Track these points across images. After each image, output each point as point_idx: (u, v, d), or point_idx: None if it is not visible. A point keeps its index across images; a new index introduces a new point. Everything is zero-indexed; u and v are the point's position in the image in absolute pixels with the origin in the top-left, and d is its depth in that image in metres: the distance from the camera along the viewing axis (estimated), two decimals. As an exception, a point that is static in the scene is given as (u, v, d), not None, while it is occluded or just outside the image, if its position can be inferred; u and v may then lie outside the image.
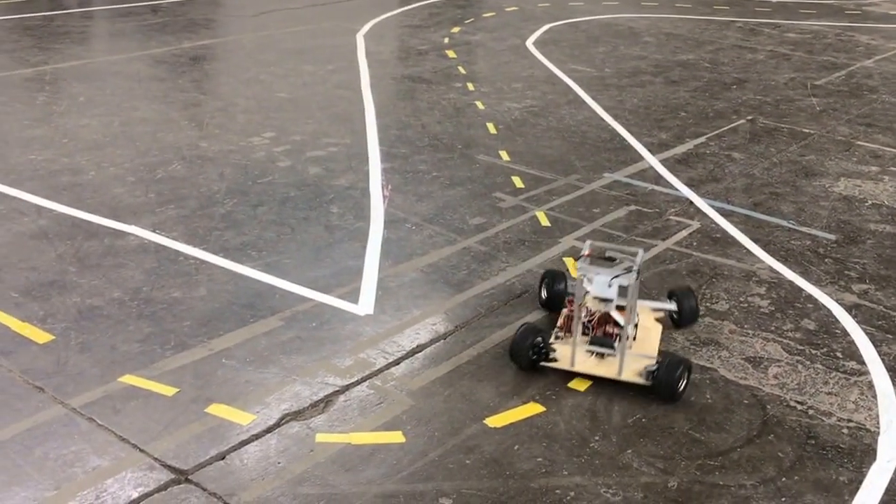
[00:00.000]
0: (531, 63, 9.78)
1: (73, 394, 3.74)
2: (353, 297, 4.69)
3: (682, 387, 3.92)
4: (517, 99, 8.39)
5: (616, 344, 4.06)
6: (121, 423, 3.59)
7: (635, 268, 4.00)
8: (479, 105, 8.14)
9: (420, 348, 4.26)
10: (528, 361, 4.00)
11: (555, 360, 4.00)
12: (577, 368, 4.00)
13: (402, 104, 8.13)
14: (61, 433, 3.51)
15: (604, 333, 4.13)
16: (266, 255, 5.08)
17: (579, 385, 4.02)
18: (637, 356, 4.08)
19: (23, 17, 10.53)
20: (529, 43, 10.71)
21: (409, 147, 6.99)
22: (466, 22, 11.85)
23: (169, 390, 3.82)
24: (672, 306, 4.47)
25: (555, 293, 4.48)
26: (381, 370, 4.05)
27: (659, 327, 4.41)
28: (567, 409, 3.85)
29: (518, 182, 6.35)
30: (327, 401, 3.82)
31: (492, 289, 4.83)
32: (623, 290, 4.04)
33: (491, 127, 7.54)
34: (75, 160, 6.27)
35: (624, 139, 7.40)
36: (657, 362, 3.95)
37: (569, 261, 5.17)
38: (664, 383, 3.87)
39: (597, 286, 3.99)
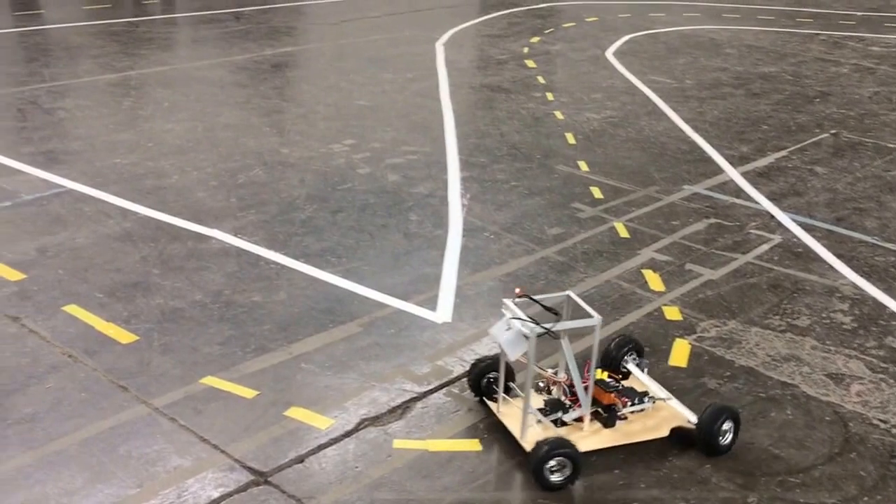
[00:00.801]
0: (611, 73, 9.67)
1: (156, 394, 3.80)
2: (431, 304, 4.68)
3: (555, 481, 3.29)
4: (596, 109, 8.30)
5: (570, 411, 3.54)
6: (202, 423, 3.63)
7: (555, 327, 3.39)
8: (558, 115, 8.08)
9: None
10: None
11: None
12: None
13: (480, 113, 8.11)
14: (144, 432, 3.56)
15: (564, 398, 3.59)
16: (345, 261, 5.11)
17: (660, 401, 3.92)
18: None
19: (109, 22, 10.85)
20: (609, 53, 10.60)
21: (488, 156, 6.96)
22: (546, 32, 11.80)
23: (249, 393, 3.85)
24: (691, 417, 3.59)
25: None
26: (458, 378, 4.02)
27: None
28: (648, 426, 3.76)
29: (597, 193, 6.27)
30: (405, 407, 3.81)
31: (571, 300, 4.76)
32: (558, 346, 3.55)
33: (570, 137, 7.47)
34: (159, 164, 6.41)
35: (704, 151, 7.25)
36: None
37: (647, 273, 5.08)
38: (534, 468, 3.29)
39: (495, 328, 3.50)
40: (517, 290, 3.64)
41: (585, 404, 3.55)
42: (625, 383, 3.77)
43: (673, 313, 4.66)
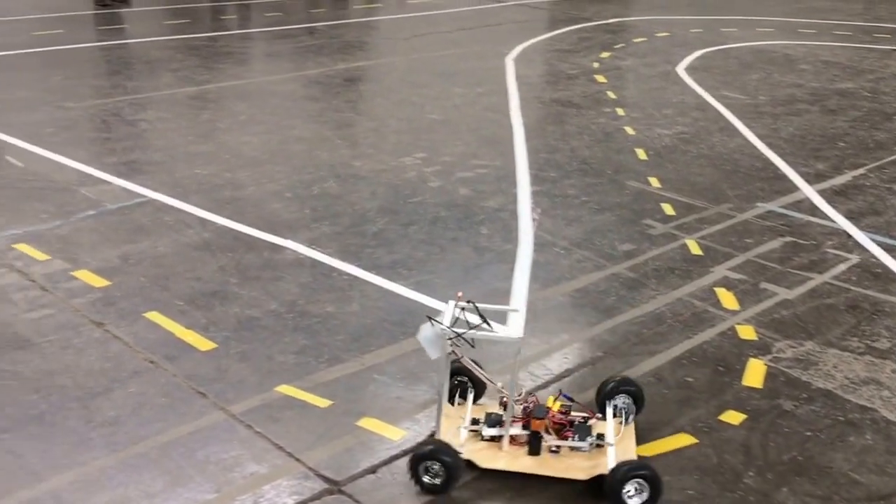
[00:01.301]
0: (682, 89, 9.58)
1: (233, 401, 3.89)
2: (501, 318, 4.68)
3: None
4: (667, 125, 8.23)
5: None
6: (277, 431, 3.70)
7: (465, 334, 3.36)
8: (629, 130, 8.04)
9: (568, 372, 4.22)
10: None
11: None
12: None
13: (550, 128, 8.12)
14: (222, 438, 3.65)
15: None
16: (416, 274, 5.16)
17: (733, 418, 3.88)
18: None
19: (189, 37, 11.15)
20: (680, 69, 10.51)
21: (558, 171, 6.96)
22: (616, 47, 11.75)
23: (323, 402, 3.91)
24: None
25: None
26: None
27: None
28: (720, 442, 3.72)
29: (668, 209, 6.21)
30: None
31: (641, 316, 4.73)
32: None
33: (641, 153, 7.43)
34: (236, 175, 6.56)
35: (778, 168, 7.13)
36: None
37: (720, 291, 5.01)
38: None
39: (424, 326, 3.43)
40: (459, 294, 3.62)
41: (507, 423, 3.49)
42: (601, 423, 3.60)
43: (747, 333, 4.59)
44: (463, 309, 3.53)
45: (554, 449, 3.52)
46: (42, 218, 5.63)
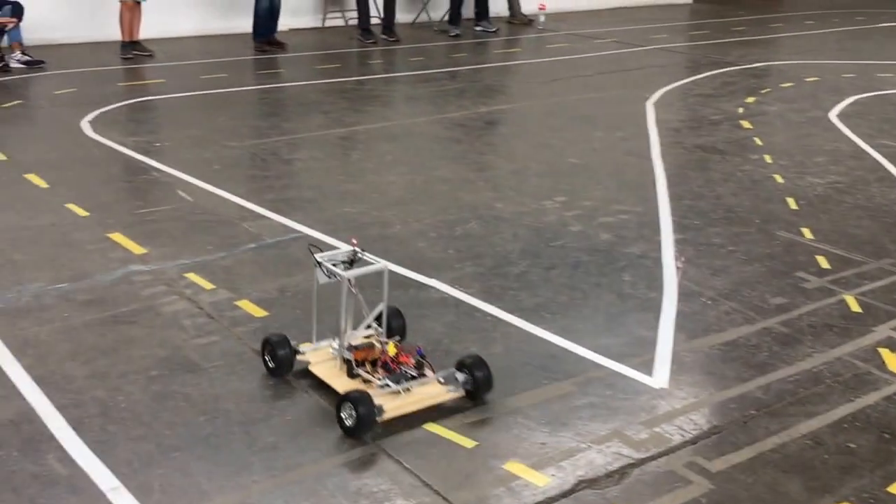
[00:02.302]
0: (835, 136, 9.28)
1: (383, 434, 3.99)
2: (647, 368, 4.65)
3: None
4: (820, 174, 7.98)
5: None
6: (425, 467, 3.78)
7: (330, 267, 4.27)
8: (778, 178, 7.83)
9: (718, 429, 4.13)
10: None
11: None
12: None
13: (694, 174, 8.01)
14: (373, 471, 3.76)
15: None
16: (559, 318, 5.18)
17: (899, 490, 3.70)
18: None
19: (339, 81, 11.63)
20: (832, 115, 10.18)
21: (703, 219, 6.86)
22: (762, 92, 11.50)
23: (468, 442, 3.97)
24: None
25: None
26: (677, 447, 3.97)
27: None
28: (884, 515, 3.56)
29: (823, 262, 6.01)
30: (622, 472, 3.80)
31: (796, 374, 4.59)
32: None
33: (791, 202, 7.22)
34: (383, 214, 6.77)
35: (944, 222, 6.79)
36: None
37: (885, 352, 4.80)
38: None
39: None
40: (353, 241, 4.47)
41: (342, 346, 4.30)
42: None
43: (913, 397, 4.38)
44: (355, 252, 4.43)
45: (367, 379, 4.17)
46: (208, 249, 5.98)
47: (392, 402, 4.04)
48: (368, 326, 4.40)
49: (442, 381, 4.22)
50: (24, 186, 7.11)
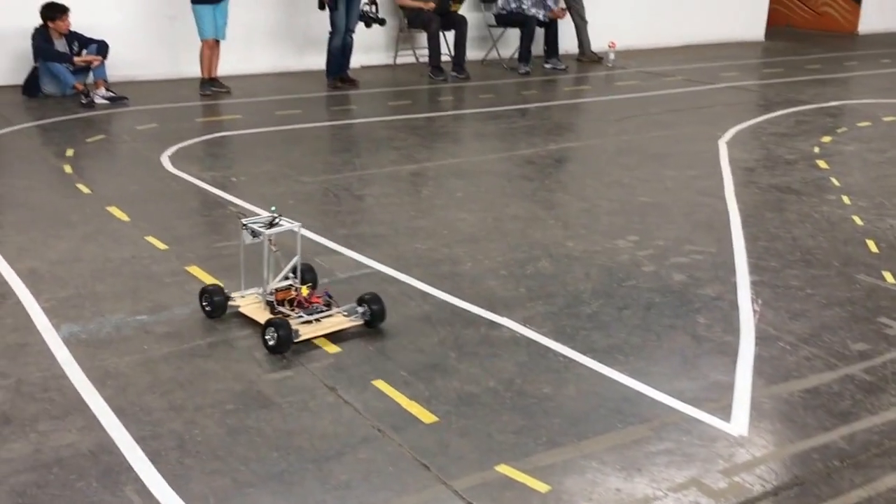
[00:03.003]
0: (916, 177, 9.03)
1: (455, 476, 3.98)
2: (725, 414, 4.54)
3: None
4: (901, 216, 7.77)
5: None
6: (498, 511, 3.74)
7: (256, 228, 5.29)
8: (857, 220, 7.64)
9: (799, 480, 4.00)
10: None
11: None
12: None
13: (769, 215, 7.86)
14: (444, 512, 3.73)
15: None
16: (633, 361, 5.11)
17: None
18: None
19: (410, 117, 11.76)
20: (914, 155, 9.92)
21: (779, 260, 6.71)
22: (839, 131, 11.27)
23: (542, 486, 3.92)
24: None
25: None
26: (757, 499, 3.86)
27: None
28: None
29: (906, 308, 5.83)
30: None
31: (882, 425, 4.43)
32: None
33: (871, 245, 7.03)
34: (454, 251, 6.79)
35: None
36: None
37: (974, 403, 4.62)
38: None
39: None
40: (273, 209, 5.42)
41: (265, 290, 5.41)
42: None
43: None
44: (274, 216, 5.34)
45: (286, 314, 5.17)
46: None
47: (305, 329, 5.08)
48: (287, 277, 5.37)
49: (345, 314, 5.26)
50: (106, 219, 7.33)
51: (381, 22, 13.82)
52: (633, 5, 17.86)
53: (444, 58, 14.84)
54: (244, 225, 5.28)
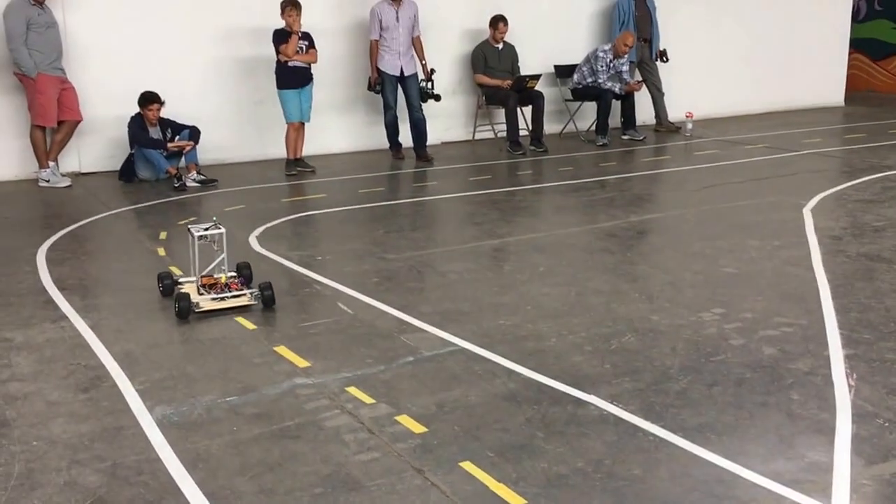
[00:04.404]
0: None
1: (543, 560, 3.92)
2: (825, 496, 4.39)
3: None
4: None
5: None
6: None
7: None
8: (955, 289, 7.39)
9: None
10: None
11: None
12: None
13: (860, 284, 7.66)
14: None
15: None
16: (726, 440, 4.99)
17: None
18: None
19: (490, 192, 11.91)
20: None
21: (873, 332, 6.51)
22: (929, 196, 10.98)
23: (636, 572, 3.84)
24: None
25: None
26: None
27: None
28: None
29: None
30: None
31: None
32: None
33: (972, 315, 6.78)
34: (538, 327, 6.79)
35: None
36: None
37: None
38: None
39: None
40: (214, 218, 7.24)
41: (196, 283, 7.27)
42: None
43: None
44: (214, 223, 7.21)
45: (216, 297, 7.04)
46: (368, 363, 6.14)
47: (210, 304, 6.98)
48: (222, 269, 7.22)
49: (249, 295, 7.07)
50: (198, 300, 7.56)
51: (437, 98, 14.08)
52: (709, 74, 17.87)
53: (523, 132, 15.05)
54: (188, 229, 7.28)
